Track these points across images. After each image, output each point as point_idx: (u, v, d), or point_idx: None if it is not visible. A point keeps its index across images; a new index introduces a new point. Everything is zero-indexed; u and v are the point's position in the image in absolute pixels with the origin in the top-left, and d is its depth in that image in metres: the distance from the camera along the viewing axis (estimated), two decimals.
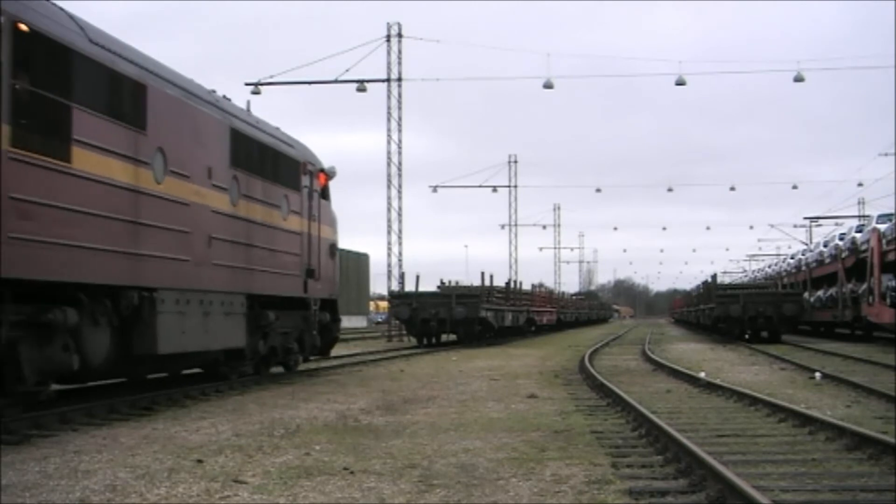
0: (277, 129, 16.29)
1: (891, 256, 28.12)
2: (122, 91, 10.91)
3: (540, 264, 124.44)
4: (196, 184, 12.45)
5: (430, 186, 56.94)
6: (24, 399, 9.66)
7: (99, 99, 10.38)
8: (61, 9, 10.33)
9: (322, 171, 17.54)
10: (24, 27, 9.01)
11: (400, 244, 40.25)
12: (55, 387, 10.57)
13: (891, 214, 32.52)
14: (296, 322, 16.52)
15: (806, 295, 40.28)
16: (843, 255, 35.72)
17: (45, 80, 9.38)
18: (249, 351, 14.75)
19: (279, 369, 16.85)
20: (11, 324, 9.03)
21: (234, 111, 14.41)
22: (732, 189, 67.37)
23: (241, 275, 13.84)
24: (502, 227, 69.04)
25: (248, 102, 15.95)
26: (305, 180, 16.52)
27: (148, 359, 11.94)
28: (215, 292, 12.96)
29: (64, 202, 9.55)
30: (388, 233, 40.25)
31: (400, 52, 38.60)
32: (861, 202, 62.91)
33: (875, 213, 36.16)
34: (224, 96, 14.51)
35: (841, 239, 38.84)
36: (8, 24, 8.69)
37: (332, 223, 18.33)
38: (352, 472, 7.32)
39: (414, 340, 34.82)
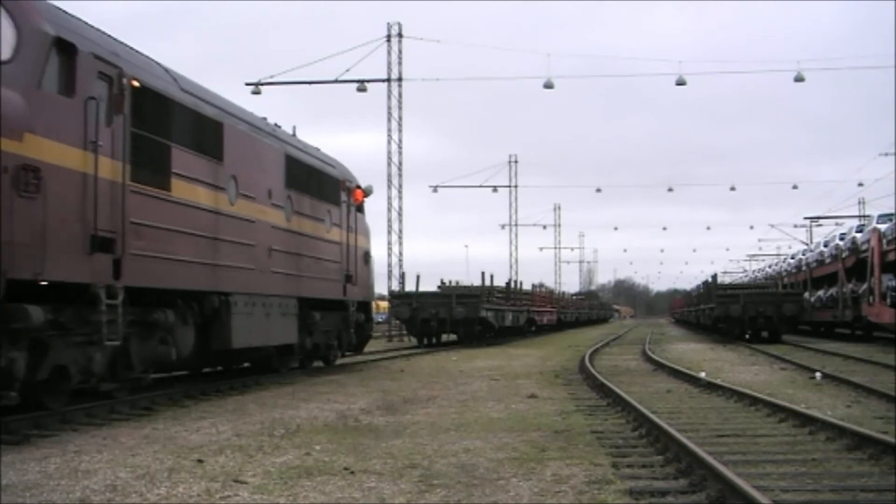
0: (318, 149, 18.50)
1: (891, 256, 28.11)
2: (205, 129, 13.00)
3: (540, 264, 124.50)
4: (259, 204, 14.60)
5: (431, 186, 57.02)
6: (131, 384, 11.55)
7: (189, 137, 12.42)
8: (158, 63, 12.47)
9: (358, 187, 19.85)
10: (136, 83, 10.98)
11: (400, 244, 40.31)
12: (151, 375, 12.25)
13: (891, 214, 32.52)
14: (336, 322, 18.69)
15: (806, 295, 40.28)
16: (844, 255, 35.71)
17: (151, 124, 11.39)
18: (298, 347, 16.81)
19: (319, 363, 18.93)
20: (127, 323, 10.76)
21: (287, 139, 16.66)
22: (732, 189, 67.39)
23: (294, 281, 15.89)
24: (502, 227, 69.09)
25: (294, 128, 17.92)
26: (344, 196, 18.82)
27: (222, 352, 14.06)
28: (274, 296, 15.04)
29: (165, 223, 11.64)
30: (389, 233, 40.30)
31: (400, 52, 38.65)
32: (861, 202, 62.92)
33: (875, 213, 36.16)
34: (276, 124, 16.49)
35: (841, 239, 38.83)
36: (126, 83, 10.69)
37: (367, 234, 20.69)
38: (352, 472, 7.32)
39: (414, 340, 34.84)
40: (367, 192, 20.70)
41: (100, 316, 10.16)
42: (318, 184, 17.39)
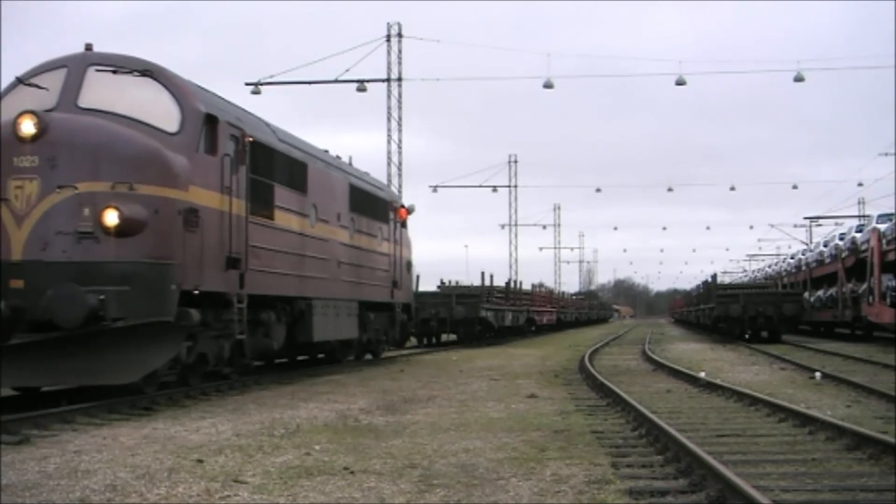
0: (367, 173, 21.61)
1: (891, 256, 28.11)
2: (295, 169, 15.96)
3: (540, 264, 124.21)
4: (332, 225, 17.64)
5: (431, 186, 56.86)
6: (242, 370, 14.80)
7: (285, 176, 15.40)
8: (263, 120, 15.48)
9: (402, 206, 23.41)
10: (251, 139, 13.80)
11: None
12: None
13: (891, 214, 32.51)
14: (384, 320, 21.85)
15: (806, 295, 40.27)
16: (843, 254, 35.70)
17: (261, 170, 14.29)
18: (357, 341, 20.12)
19: (368, 356, 22.00)
20: (246, 322, 13.64)
21: (349, 169, 19.83)
22: (732, 189, 67.31)
23: (355, 287, 19.00)
24: (502, 227, 69.02)
25: (350, 158, 20.65)
26: (391, 214, 22.11)
27: (304, 345, 17.12)
28: (341, 300, 18.08)
29: (270, 245, 14.58)
30: None
31: (400, 52, 38.58)
32: (861, 202, 62.90)
33: (875, 213, 36.12)
34: (337, 156, 19.51)
35: (841, 239, 38.81)
36: (246, 140, 13.63)
37: (409, 246, 23.88)
38: (352, 472, 7.32)
39: (414, 340, 34.84)
40: (409, 211, 23.95)
41: (232, 316, 13.26)
42: (372, 205, 20.54)
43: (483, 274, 35.91)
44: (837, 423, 9.05)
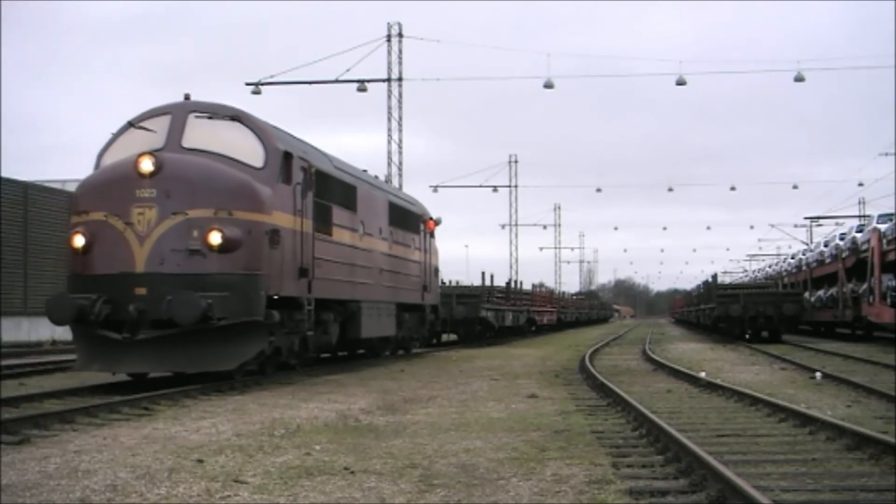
0: (399, 189, 25.28)
1: (891, 256, 28.11)
2: (347, 192, 18.42)
3: (540, 264, 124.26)
4: (375, 238, 20.18)
5: (431, 186, 57.04)
6: (305, 362, 17.38)
7: (340, 198, 17.84)
8: (322, 151, 18.03)
9: (431, 219, 26.09)
10: (315, 169, 16.28)
11: None
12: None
13: (891, 214, 32.52)
14: (416, 320, 24.63)
15: (806, 295, 40.26)
16: (844, 254, 35.70)
17: (322, 194, 16.69)
18: (394, 338, 22.81)
19: (401, 352, 24.49)
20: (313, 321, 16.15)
21: (388, 189, 23.46)
22: (732, 189, 67.40)
23: (393, 291, 21.57)
24: (502, 227, 69.19)
25: (388, 177, 24.23)
26: (422, 226, 24.89)
27: (352, 341, 19.73)
28: (382, 302, 20.70)
29: (330, 257, 16.98)
30: None
31: (400, 52, 38.59)
32: (861, 202, 62.95)
33: (875, 213, 36.12)
34: (375, 176, 22.48)
35: (841, 239, 38.80)
36: (312, 170, 16.09)
37: (436, 254, 26.73)
38: (352, 472, 7.32)
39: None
40: (437, 223, 26.76)
41: (302, 316, 15.72)
42: (406, 219, 23.25)
43: (483, 274, 35.92)
44: (838, 423, 9.04)
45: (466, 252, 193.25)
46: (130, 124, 15.05)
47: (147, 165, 13.75)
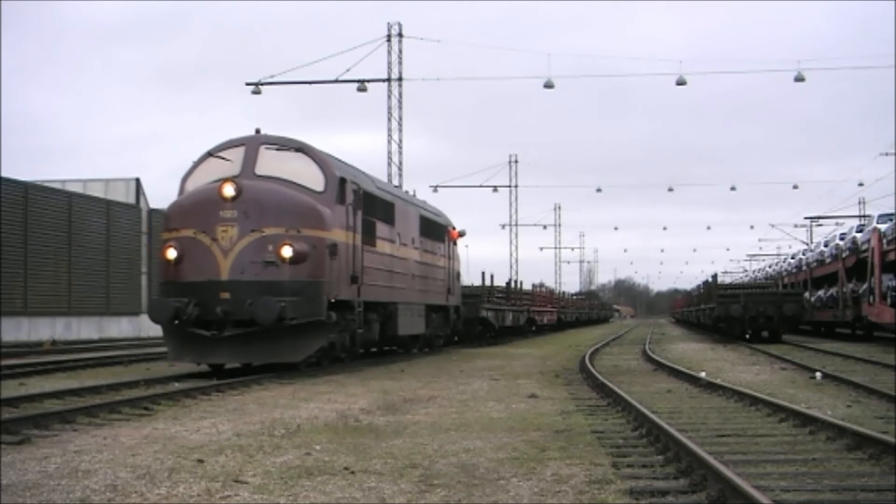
0: (425, 202, 27.44)
1: (891, 256, 28.10)
2: (387, 208, 21.15)
3: (540, 264, 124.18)
4: (409, 248, 22.94)
5: (431, 186, 56.95)
6: (352, 356, 19.68)
7: (381, 214, 20.49)
8: (365, 173, 20.66)
9: (454, 229, 29.00)
10: (361, 190, 18.76)
11: None
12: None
13: (891, 214, 32.50)
14: (441, 320, 27.49)
15: (806, 295, 40.26)
16: (844, 254, 35.69)
17: (368, 211, 19.22)
18: (423, 336, 25.39)
19: (426, 349, 26.75)
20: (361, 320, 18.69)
21: (418, 202, 25.97)
22: (732, 189, 67.31)
23: (423, 293, 24.27)
24: (503, 226, 69.14)
25: (415, 191, 27.42)
26: (446, 236, 27.74)
27: (389, 338, 22.23)
28: (414, 304, 23.40)
29: (374, 265, 19.62)
30: None
31: (400, 52, 38.61)
32: (862, 202, 62.94)
33: (876, 213, 36.09)
34: (406, 191, 26.22)
35: (841, 239, 38.78)
36: (360, 192, 18.66)
37: (459, 260, 29.80)
38: (352, 472, 7.32)
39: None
40: (461, 234, 29.79)
41: (353, 316, 18.32)
42: (433, 230, 26.07)
43: (483, 274, 35.94)
44: (838, 423, 9.04)
45: (467, 252, 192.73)
46: (210, 154, 17.65)
47: (229, 191, 16.19)
